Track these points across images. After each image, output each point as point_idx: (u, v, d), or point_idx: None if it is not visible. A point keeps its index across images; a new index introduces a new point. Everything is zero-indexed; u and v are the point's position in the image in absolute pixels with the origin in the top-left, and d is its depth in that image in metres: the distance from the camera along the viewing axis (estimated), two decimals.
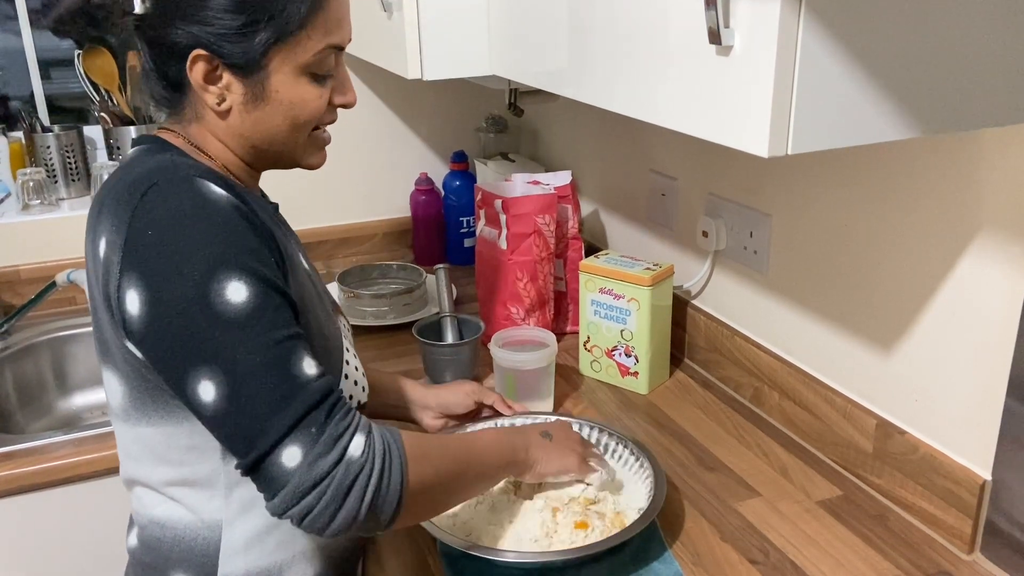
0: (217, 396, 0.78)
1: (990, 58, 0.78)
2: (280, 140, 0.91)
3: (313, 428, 0.78)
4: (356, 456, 0.79)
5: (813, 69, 0.71)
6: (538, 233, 1.50)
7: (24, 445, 1.34)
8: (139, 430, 0.89)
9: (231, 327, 0.77)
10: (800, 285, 1.27)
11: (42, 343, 1.71)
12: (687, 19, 0.80)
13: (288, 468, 0.77)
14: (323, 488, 0.77)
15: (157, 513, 0.93)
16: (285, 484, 0.77)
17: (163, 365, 0.81)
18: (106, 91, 1.90)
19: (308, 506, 0.77)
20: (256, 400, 0.77)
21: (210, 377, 0.78)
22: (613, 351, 1.43)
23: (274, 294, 0.81)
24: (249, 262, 0.80)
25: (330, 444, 0.78)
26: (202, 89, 0.86)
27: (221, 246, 0.79)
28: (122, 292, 0.80)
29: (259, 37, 0.84)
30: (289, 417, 0.78)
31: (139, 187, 0.81)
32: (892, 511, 1.10)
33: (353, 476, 0.78)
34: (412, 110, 2.05)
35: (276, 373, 0.78)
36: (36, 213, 1.80)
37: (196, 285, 0.77)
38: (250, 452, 0.78)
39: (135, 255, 0.79)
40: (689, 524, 1.08)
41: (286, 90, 0.87)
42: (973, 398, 1.01)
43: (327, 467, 0.77)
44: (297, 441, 0.77)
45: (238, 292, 0.78)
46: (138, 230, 0.79)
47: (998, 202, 0.94)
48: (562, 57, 1.07)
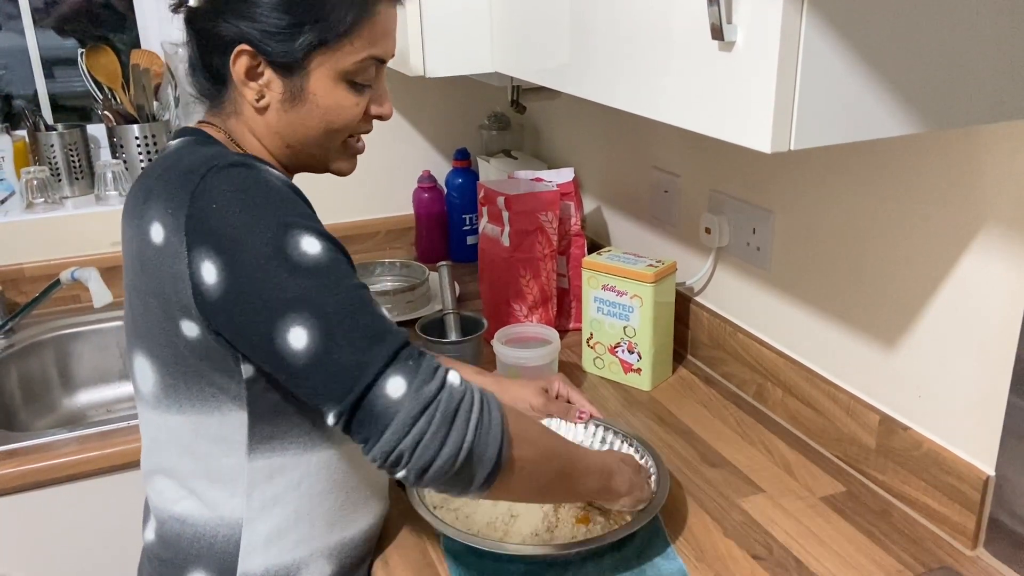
0: (310, 341, 0.78)
1: (994, 53, 0.78)
2: (313, 142, 0.93)
3: (410, 361, 0.80)
4: (456, 384, 0.81)
5: (816, 64, 0.71)
6: (541, 230, 1.50)
7: (28, 443, 1.34)
8: (168, 418, 0.90)
9: (312, 274, 0.79)
10: (803, 281, 1.27)
11: (46, 341, 1.72)
12: (689, 15, 0.80)
13: (395, 398, 0.78)
14: (432, 412, 0.78)
15: (178, 509, 0.93)
16: (394, 415, 0.77)
17: (246, 326, 0.81)
18: (109, 89, 1.90)
19: (420, 432, 0.77)
20: (352, 337, 0.79)
21: (301, 323, 0.78)
22: (616, 348, 1.43)
23: (339, 251, 0.83)
24: (313, 223, 0.83)
25: (430, 373, 0.80)
26: (243, 84, 0.88)
27: (286, 209, 0.81)
28: (194, 267, 0.81)
29: (303, 38, 0.86)
30: (387, 350, 0.79)
31: (197, 171, 0.83)
32: (895, 507, 1.10)
33: (458, 400, 0.80)
34: (415, 107, 2.06)
35: (365, 312, 0.80)
36: (40, 211, 1.80)
37: (270, 242, 0.79)
38: (353, 389, 0.78)
39: (202, 228, 0.80)
40: (692, 520, 1.08)
41: (324, 94, 0.89)
42: (976, 394, 1.01)
43: (432, 392, 0.79)
44: (399, 371, 0.79)
45: (312, 245, 0.80)
46: (201, 207, 0.81)
47: (1001, 198, 0.94)
48: (564, 54, 1.07)
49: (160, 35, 1.93)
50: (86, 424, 1.40)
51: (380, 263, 1.87)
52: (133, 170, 1.88)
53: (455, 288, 1.49)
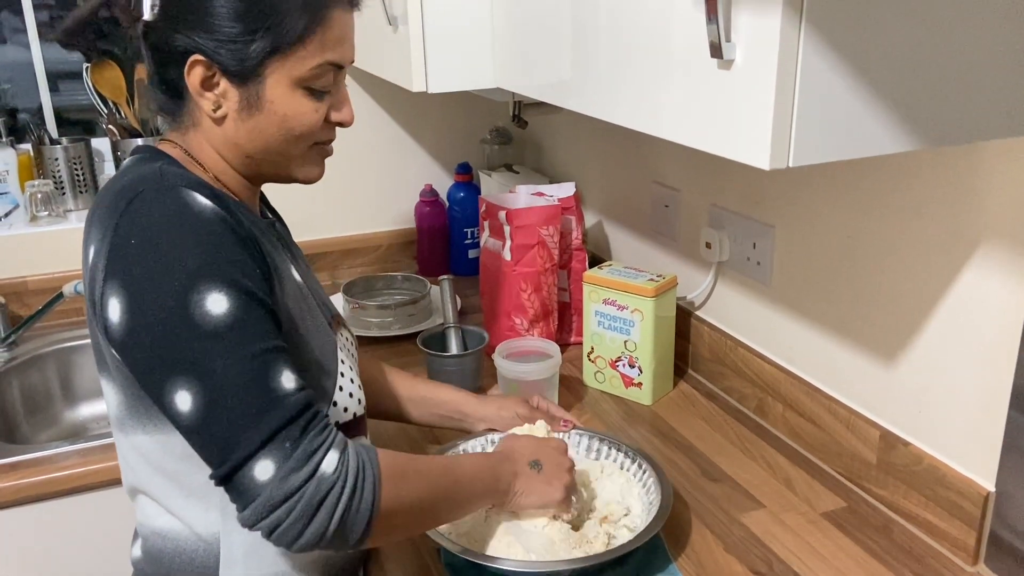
0: (193, 406, 0.78)
1: (991, 71, 0.78)
2: (274, 151, 0.91)
3: (287, 443, 0.78)
4: (328, 473, 0.79)
5: (814, 82, 0.72)
6: (542, 244, 1.51)
7: (30, 455, 1.35)
8: (135, 439, 0.90)
9: (210, 338, 0.78)
10: (803, 296, 1.27)
11: (49, 354, 1.72)
12: (689, 32, 0.81)
13: (260, 481, 0.77)
14: (293, 503, 0.77)
15: (158, 524, 0.93)
16: (256, 497, 0.77)
17: (142, 373, 0.82)
18: (114, 104, 1.91)
19: (277, 520, 0.78)
20: (231, 412, 0.78)
21: (187, 387, 0.78)
22: (617, 362, 1.43)
23: (256, 306, 0.81)
24: (231, 273, 0.80)
25: (303, 460, 0.78)
26: (199, 95, 0.87)
27: (203, 256, 0.79)
28: (105, 299, 0.81)
29: (255, 46, 0.85)
30: (263, 431, 0.78)
31: (125, 195, 0.82)
32: (896, 522, 1.10)
33: (324, 493, 0.78)
34: (417, 122, 2.07)
35: (253, 386, 0.79)
36: (44, 225, 1.81)
37: (176, 295, 0.78)
38: (223, 463, 0.78)
39: (118, 263, 0.80)
40: (693, 536, 1.08)
41: (281, 101, 0.88)
42: (976, 409, 1.01)
43: (298, 482, 0.78)
44: (270, 455, 0.78)
45: (218, 303, 0.78)
46: (122, 237, 0.80)
47: (1000, 213, 0.95)
48: (565, 70, 1.08)
49: None
50: (88, 437, 1.40)
51: (382, 276, 1.88)
52: None
53: (456, 302, 1.49)
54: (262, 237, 0.89)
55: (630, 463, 1.14)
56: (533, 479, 0.99)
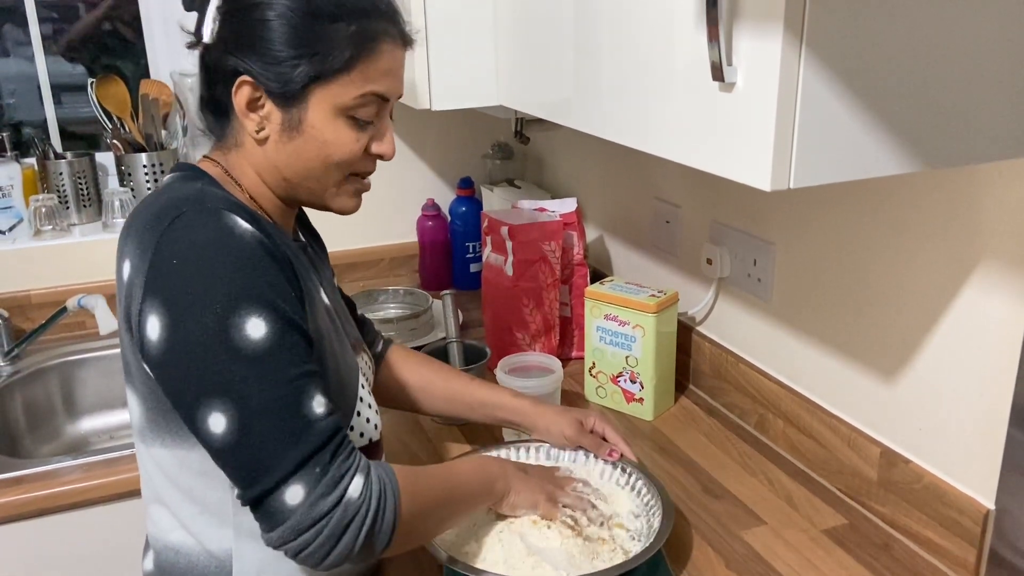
0: (227, 429, 0.79)
1: (990, 93, 0.79)
2: (313, 177, 0.93)
3: (317, 468, 0.80)
4: (355, 498, 0.82)
5: (814, 105, 0.73)
6: (544, 260, 1.52)
7: (33, 470, 1.35)
8: (154, 451, 0.91)
9: (248, 362, 0.79)
10: (804, 313, 1.27)
11: (52, 368, 1.73)
12: (690, 55, 0.82)
13: (290, 506, 0.79)
14: (321, 527, 0.80)
15: (172, 539, 0.93)
16: (285, 520, 0.79)
17: (176, 392, 0.83)
18: (118, 118, 1.92)
19: (305, 543, 0.80)
20: (265, 437, 0.79)
21: (222, 410, 0.79)
22: (618, 377, 1.43)
23: (292, 331, 0.83)
24: (270, 297, 0.82)
25: (332, 485, 0.81)
26: (244, 115, 0.89)
27: (243, 280, 0.81)
28: (143, 316, 0.82)
29: (300, 70, 0.86)
30: (296, 456, 0.80)
31: (167, 215, 0.83)
32: (897, 540, 1.11)
33: (351, 517, 0.81)
34: (420, 137, 2.08)
35: (287, 411, 0.80)
36: (48, 239, 1.82)
37: (217, 318, 0.79)
38: (254, 486, 0.80)
39: (159, 281, 0.81)
40: (695, 553, 1.08)
41: (321, 127, 0.89)
42: (976, 427, 1.01)
43: (327, 508, 0.80)
44: (301, 480, 0.80)
45: (257, 328, 0.80)
46: (163, 257, 0.81)
47: (1000, 233, 0.95)
48: (568, 89, 1.09)
49: (169, 65, 1.96)
50: (90, 452, 1.40)
51: (384, 290, 1.89)
52: (140, 198, 1.89)
53: (458, 316, 1.50)
54: (295, 260, 0.90)
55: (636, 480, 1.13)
56: (521, 480, 1.04)
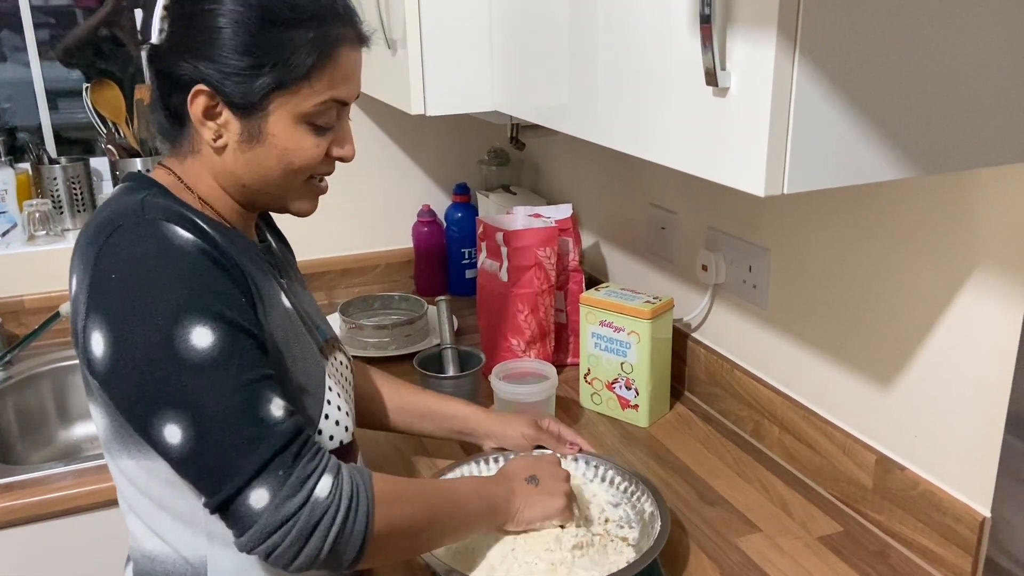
0: (183, 439, 0.79)
1: (984, 99, 0.79)
2: (272, 183, 0.92)
3: (280, 471, 0.80)
4: (322, 498, 0.81)
5: (808, 110, 0.73)
6: (539, 266, 1.51)
7: (25, 476, 1.34)
8: (120, 462, 0.90)
9: (197, 372, 0.78)
10: (799, 319, 1.27)
11: (44, 373, 1.72)
12: (685, 60, 0.81)
13: (256, 509, 0.79)
14: (288, 528, 0.79)
15: (147, 547, 0.93)
16: (252, 524, 0.79)
17: (127, 408, 0.82)
18: (113, 123, 1.92)
19: (273, 544, 0.79)
20: (223, 444, 0.79)
21: (176, 421, 0.79)
22: (613, 384, 1.43)
23: (242, 336, 0.81)
24: (214, 306, 0.80)
25: (297, 486, 0.80)
26: (200, 123, 0.87)
27: (185, 291, 0.79)
28: (87, 332, 0.81)
29: (261, 80, 0.85)
30: (257, 460, 0.79)
31: (105, 229, 0.82)
32: (892, 547, 1.10)
33: (318, 517, 0.80)
34: (415, 143, 2.08)
35: (243, 417, 0.79)
36: (41, 244, 1.81)
37: (160, 330, 0.78)
38: (217, 493, 0.79)
39: (99, 297, 0.80)
40: (690, 560, 1.08)
41: (282, 135, 0.88)
42: (972, 434, 1.01)
43: (293, 508, 0.79)
44: (265, 483, 0.79)
45: (203, 337, 0.79)
46: (102, 271, 0.80)
47: (995, 239, 0.95)
48: (563, 95, 1.09)
49: None
50: (83, 458, 1.39)
51: (379, 296, 1.88)
52: None
53: (453, 322, 1.50)
54: (251, 264, 0.89)
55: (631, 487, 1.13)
56: (533, 493, 1.01)
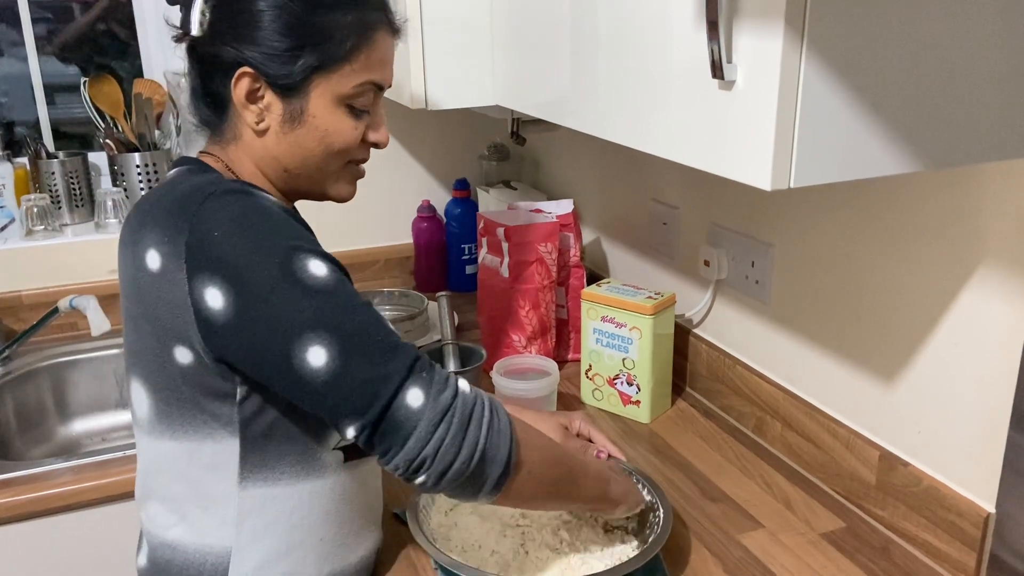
0: (329, 358, 0.80)
1: (993, 93, 0.78)
2: (312, 166, 0.94)
3: (424, 372, 0.82)
4: (467, 391, 0.84)
5: (816, 103, 0.72)
6: (540, 261, 1.51)
7: (23, 472, 1.33)
8: (161, 444, 0.90)
9: (324, 294, 0.81)
10: (802, 315, 1.27)
11: (43, 369, 1.71)
12: (690, 53, 0.81)
13: (415, 408, 0.80)
14: (450, 418, 0.81)
15: (169, 536, 0.92)
16: (416, 424, 0.80)
17: (261, 350, 0.81)
18: (111, 118, 1.91)
19: (440, 438, 0.80)
20: (369, 353, 0.81)
21: (318, 342, 0.80)
22: (615, 380, 1.42)
23: (344, 274, 0.86)
24: (316, 247, 0.85)
25: (443, 382, 0.83)
26: (243, 107, 0.90)
27: (288, 234, 0.83)
28: (197, 294, 0.81)
29: (302, 61, 0.88)
30: (403, 363, 0.81)
31: (195, 197, 0.84)
32: (896, 543, 1.10)
33: (471, 407, 0.83)
34: (415, 137, 2.07)
35: (378, 328, 0.83)
36: (40, 239, 1.80)
37: (279, 266, 0.80)
38: (375, 402, 0.80)
39: (204, 255, 0.81)
40: (693, 557, 1.07)
41: (323, 116, 0.91)
42: (976, 430, 1.01)
43: (448, 399, 0.82)
44: (416, 382, 0.81)
45: (319, 267, 0.82)
46: (203, 232, 0.82)
47: (1001, 234, 0.95)
48: (565, 88, 1.08)
49: (163, 64, 1.94)
50: (82, 454, 1.39)
51: (379, 292, 1.87)
52: (133, 198, 1.88)
53: (454, 318, 1.49)
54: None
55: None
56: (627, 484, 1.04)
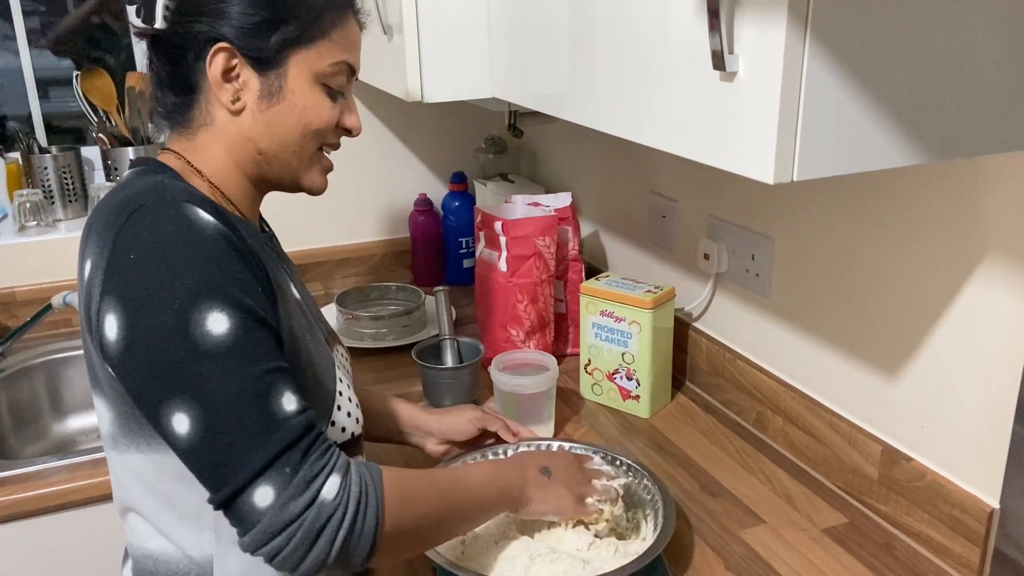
0: (191, 429, 0.76)
1: (996, 84, 0.77)
2: (289, 146, 0.91)
3: (287, 468, 0.77)
4: (329, 499, 0.78)
5: (819, 95, 0.71)
6: (538, 255, 1.49)
7: (17, 471, 1.32)
8: (127, 457, 0.88)
9: (209, 359, 0.76)
10: (803, 308, 1.25)
11: (37, 366, 1.70)
12: (690, 44, 0.79)
13: (259, 508, 0.76)
14: (293, 531, 0.76)
15: (150, 546, 0.91)
16: (256, 523, 0.76)
17: (138, 393, 0.80)
18: (104, 112, 1.89)
19: (277, 547, 0.76)
20: (231, 436, 0.76)
21: (185, 409, 0.76)
22: (614, 374, 1.41)
23: (257, 326, 0.79)
24: (232, 292, 0.78)
25: (303, 486, 0.77)
26: (219, 86, 0.87)
27: (203, 274, 0.77)
28: (101, 315, 0.79)
29: (279, 33, 0.86)
30: (263, 456, 0.76)
31: (125, 209, 0.80)
32: (899, 539, 1.09)
33: (324, 520, 0.77)
34: (411, 130, 2.05)
35: (254, 409, 0.77)
36: (33, 234, 1.79)
37: (175, 313, 0.76)
38: (222, 488, 0.77)
39: (116, 278, 0.78)
40: (694, 553, 1.06)
41: (301, 93, 0.89)
42: (980, 424, 1.00)
43: (298, 510, 0.76)
44: (270, 481, 0.76)
45: (218, 323, 0.76)
46: (120, 252, 0.78)
47: (1004, 227, 0.93)
48: (563, 80, 1.06)
49: None
50: (76, 452, 1.37)
51: (376, 287, 1.86)
52: None
53: (452, 313, 1.48)
54: (262, 253, 0.87)
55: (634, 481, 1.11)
56: (544, 486, 0.99)
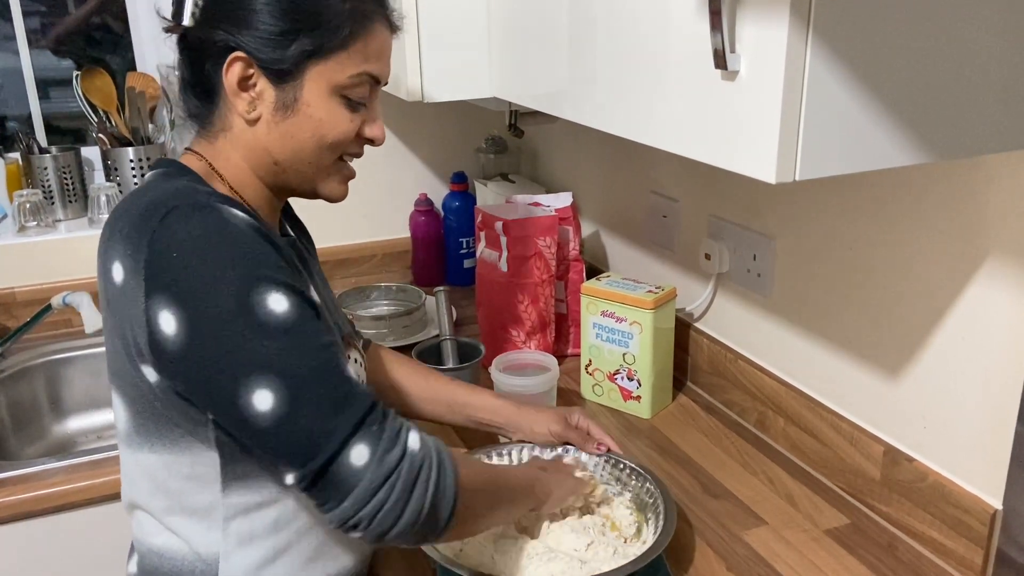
0: (276, 403, 0.77)
1: (998, 84, 0.77)
2: (304, 159, 0.90)
3: (374, 426, 0.79)
4: (416, 450, 0.81)
5: (821, 94, 0.70)
6: (539, 255, 1.49)
7: (17, 472, 1.32)
8: (140, 456, 0.88)
9: (279, 334, 0.77)
10: (805, 308, 1.25)
11: (37, 366, 1.69)
12: (691, 42, 0.79)
13: (358, 467, 0.77)
14: (392, 482, 0.78)
15: (157, 542, 0.91)
16: (356, 484, 0.77)
17: (207, 383, 0.79)
18: (104, 112, 1.89)
19: (380, 502, 0.78)
20: (318, 403, 0.77)
21: (266, 384, 0.77)
22: (615, 375, 1.41)
23: (307, 305, 0.81)
24: (281, 276, 0.80)
25: (393, 439, 0.80)
26: (235, 94, 0.86)
27: (252, 261, 0.79)
28: (152, 314, 0.78)
29: (296, 46, 0.84)
30: (352, 417, 0.78)
31: (157, 211, 0.80)
32: (901, 540, 1.08)
33: (417, 469, 0.80)
34: (412, 130, 2.05)
35: (332, 375, 0.79)
36: (32, 235, 1.78)
37: (236, 297, 0.77)
38: (315, 456, 0.77)
39: (162, 277, 0.78)
40: (696, 554, 1.06)
41: (317, 105, 0.87)
42: (983, 424, 0.99)
43: (394, 461, 0.78)
44: (364, 439, 0.78)
45: (279, 303, 0.78)
46: (160, 252, 0.78)
47: (1006, 226, 0.93)
48: (563, 79, 1.06)
49: (156, 58, 1.92)
50: (76, 453, 1.37)
51: (376, 287, 1.86)
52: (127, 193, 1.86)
53: (452, 313, 1.47)
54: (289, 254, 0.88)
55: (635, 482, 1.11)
56: (552, 475, 1.04)
